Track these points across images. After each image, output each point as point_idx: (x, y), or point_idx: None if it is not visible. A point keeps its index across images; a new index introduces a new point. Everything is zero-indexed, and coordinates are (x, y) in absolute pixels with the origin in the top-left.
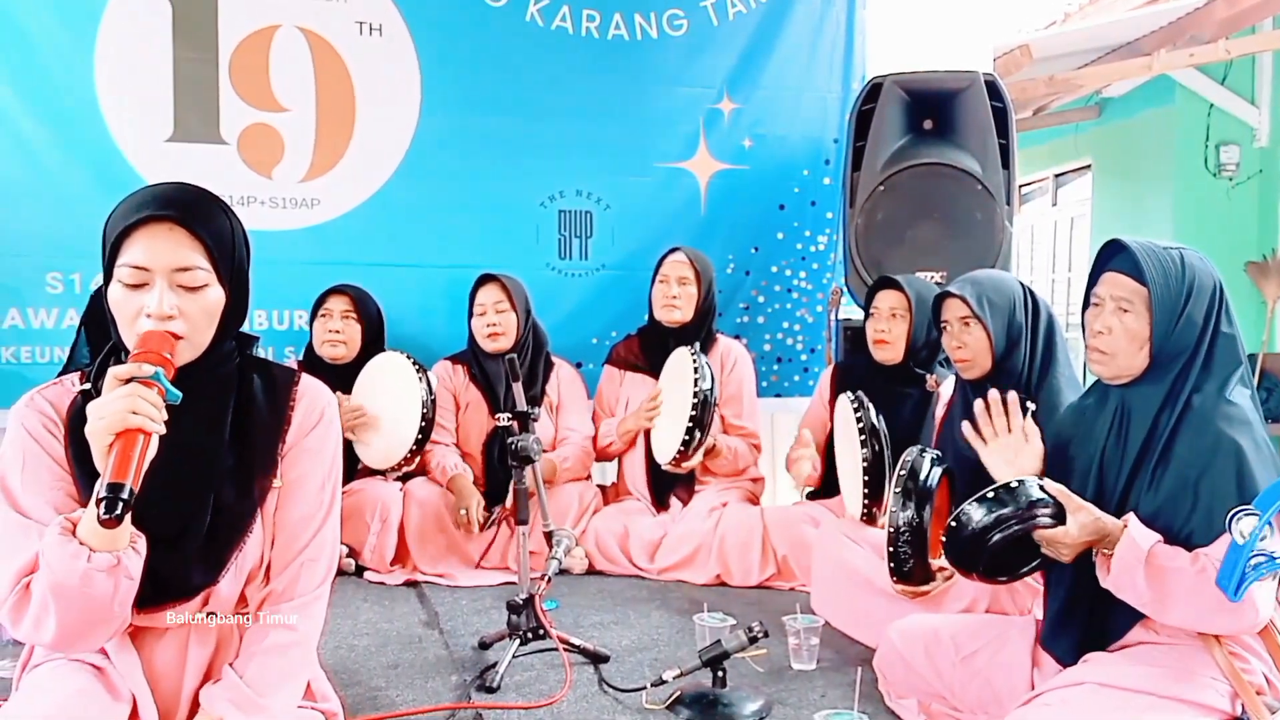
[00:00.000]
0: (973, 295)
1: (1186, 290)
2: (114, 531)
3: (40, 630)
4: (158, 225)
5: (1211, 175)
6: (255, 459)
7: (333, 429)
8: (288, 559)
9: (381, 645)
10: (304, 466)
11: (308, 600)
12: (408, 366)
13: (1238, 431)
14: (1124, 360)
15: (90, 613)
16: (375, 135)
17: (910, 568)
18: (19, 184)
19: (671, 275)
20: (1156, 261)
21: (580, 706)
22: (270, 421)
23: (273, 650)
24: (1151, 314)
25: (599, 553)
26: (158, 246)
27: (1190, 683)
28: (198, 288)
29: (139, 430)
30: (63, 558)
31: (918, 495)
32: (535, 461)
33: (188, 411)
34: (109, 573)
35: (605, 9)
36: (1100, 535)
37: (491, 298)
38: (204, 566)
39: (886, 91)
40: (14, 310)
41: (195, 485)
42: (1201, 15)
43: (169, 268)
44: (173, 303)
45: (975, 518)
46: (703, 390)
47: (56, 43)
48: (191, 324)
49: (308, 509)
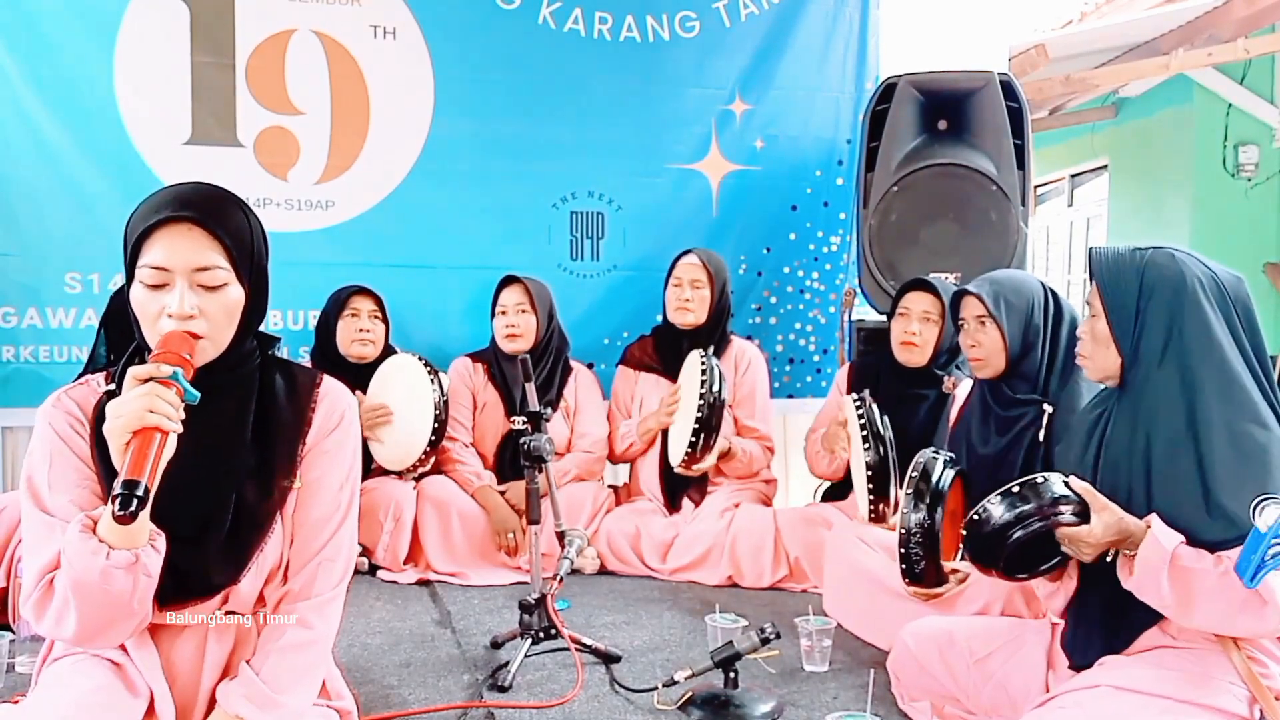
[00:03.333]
0: (990, 295)
1: (1138, 288)
2: (133, 529)
3: (62, 625)
4: (177, 226)
5: (1230, 175)
6: (276, 459)
7: (352, 431)
8: (305, 558)
9: (394, 644)
10: (323, 467)
11: (324, 600)
12: (420, 369)
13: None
14: (1098, 361)
15: (110, 609)
16: (389, 138)
17: (922, 569)
18: (39, 185)
19: (684, 278)
20: (1110, 262)
21: (592, 706)
22: (291, 422)
23: (289, 649)
24: (1108, 314)
25: (611, 553)
26: (177, 247)
27: (1207, 687)
28: (217, 287)
29: (155, 429)
30: (82, 554)
31: (930, 497)
32: (548, 461)
33: (210, 411)
34: (127, 570)
35: (617, 11)
36: (1123, 535)
37: (513, 299)
38: (225, 565)
39: (901, 92)
40: (33, 309)
41: (217, 484)
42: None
43: (189, 267)
44: (193, 302)
45: (997, 513)
46: (710, 394)
47: (77, 47)
48: (212, 323)
49: (326, 509)
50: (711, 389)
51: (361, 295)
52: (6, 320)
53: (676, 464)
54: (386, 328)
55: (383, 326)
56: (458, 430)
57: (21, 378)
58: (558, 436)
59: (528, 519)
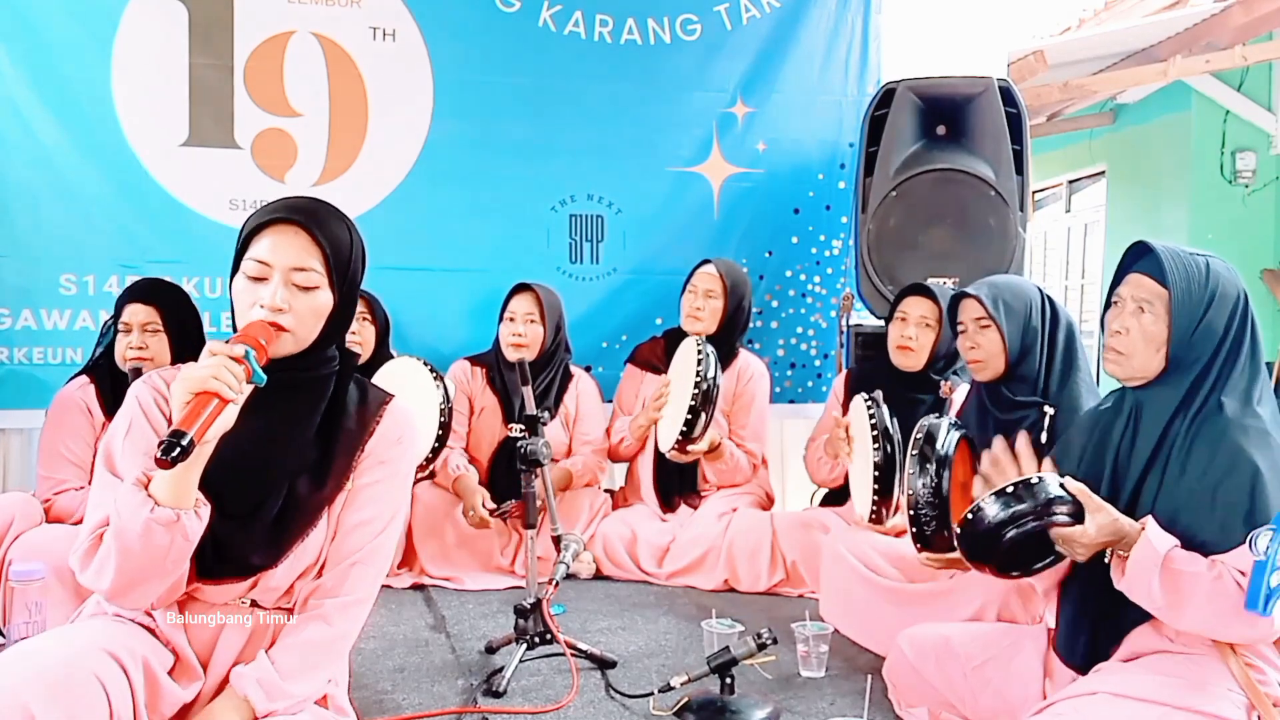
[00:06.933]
0: (989, 298)
1: (1209, 297)
2: (180, 491)
3: (101, 576)
4: (285, 227)
5: (1227, 182)
6: (335, 459)
7: (410, 450)
8: (341, 557)
9: (388, 648)
10: (376, 475)
11: (351, 601)
12: (424, 372)
13: (1256, 446)
14: (1139, 361)
15: (146, 563)
16: (388, 140)
17: (933, 531)
18: (35, 186)
19: (699, 287)
20: (1180, 265)
21: (587, 712)
22: (355, 429)
23: (307, 643)
24: (1171, 317)
25: (607, 557)
26: (280, 245)
27: (1205, 693)
28: (310, 288)
29: (215, 394)
30: (131, 505)
31: (936, 460)
32: (543, 465)
33: (281, 404)
34: (167, 526)
35: (618, 13)
36: (1118, 537)
37: (523, 308)
38: (266, 549)
39: (900, 97)
40: (27, 311)
41: (274, 471)
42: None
43: (287, 266)
44: (284, 297)
45: (992, 512)
46: (706, 379)
47: (75, 48)
48: (299, 320)
49: (370, 515)
50: (706, 375)
51: None
52: (1, 322)
53: (668, 448)
54: (376, 328)
55: (371, 329)
56: (452, 438)
57: (15, 380)
58: (556, 443)
59: (524, 523)
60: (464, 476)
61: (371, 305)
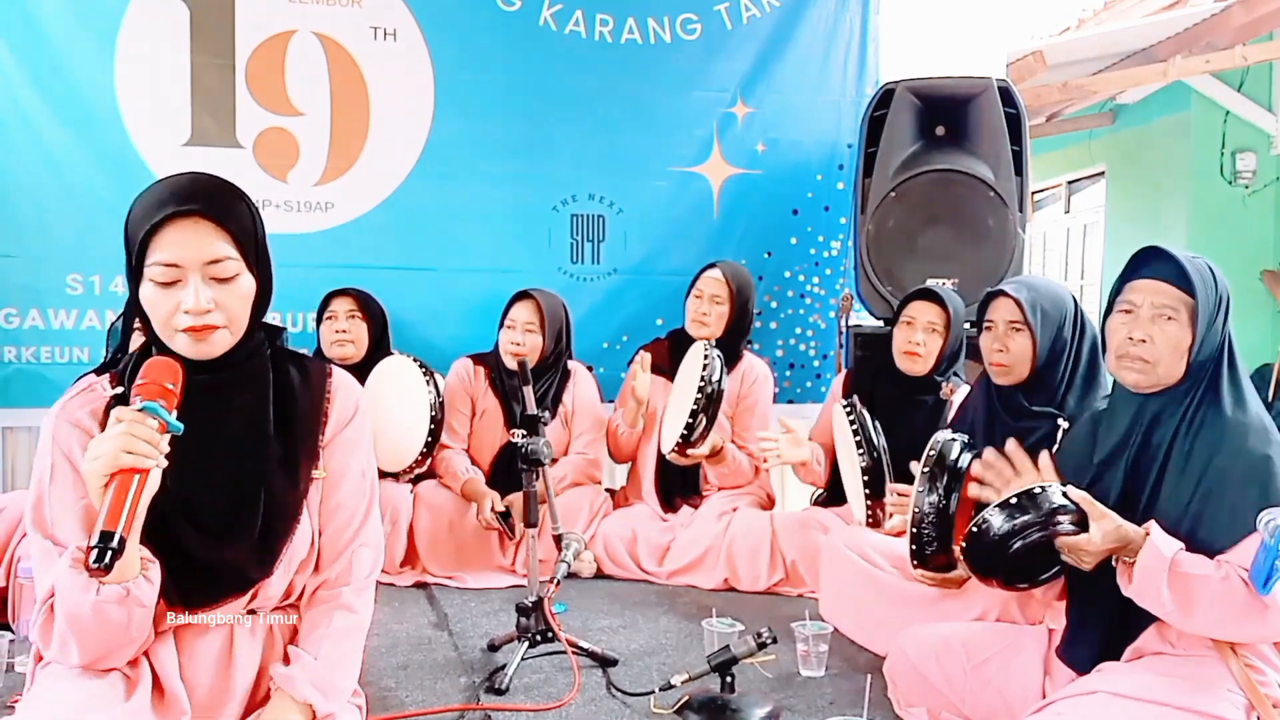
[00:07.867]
0: (1028, 302)
1: (1221, 300)
2: (122, 563)
3: (66, 654)
4: (184, 220)
5: (1227, 183)
6: (301, 449)
7: (366, 419)
8: (340, 547)
9: (391, 646)
10: (344, 456)
11: (364, 584)
12: (414, 370)
13: (1264, 444)
14: (1164, 370)
15: (107, 639)
16: (389, 139)
17: (932, 551)
18: (40, 186)
19: (705, 291)
20: (1198, 271)
21: (588, 710)
22: (310, 413)
23: (340, 633)
24: (1194, 324)
25: (607, 557)
26: (187, 241)
27: (1205, 694)
28: (230, 278)
29: (133, 470)
30: (74, 590)
31: (947, 478)
32: (545, 464)
33: (232, 406)
34: (119, 603)
35: (618, 13)
36: (1123, 543)
37: (523, 316)
38: (258, 559)
39: (899, 97)
40: (35, 311)
41: (247, 477)
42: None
43: (201, 261)
44: (208, 296)
45: (997, 524)
46: (710, 383)
47: (78, 48)
48: (229, 314)
49: (352, 497)
50: (711, 378)
51: (338, 296)
52: (8, 321)
53: (669, 450)
54: (370, 326)
55: (363, 326)
56: (452, 437)
57: (23, 379)
58: (556, 442)
59: (525, 522)
60: (473, 479)
61: (363, 302)
